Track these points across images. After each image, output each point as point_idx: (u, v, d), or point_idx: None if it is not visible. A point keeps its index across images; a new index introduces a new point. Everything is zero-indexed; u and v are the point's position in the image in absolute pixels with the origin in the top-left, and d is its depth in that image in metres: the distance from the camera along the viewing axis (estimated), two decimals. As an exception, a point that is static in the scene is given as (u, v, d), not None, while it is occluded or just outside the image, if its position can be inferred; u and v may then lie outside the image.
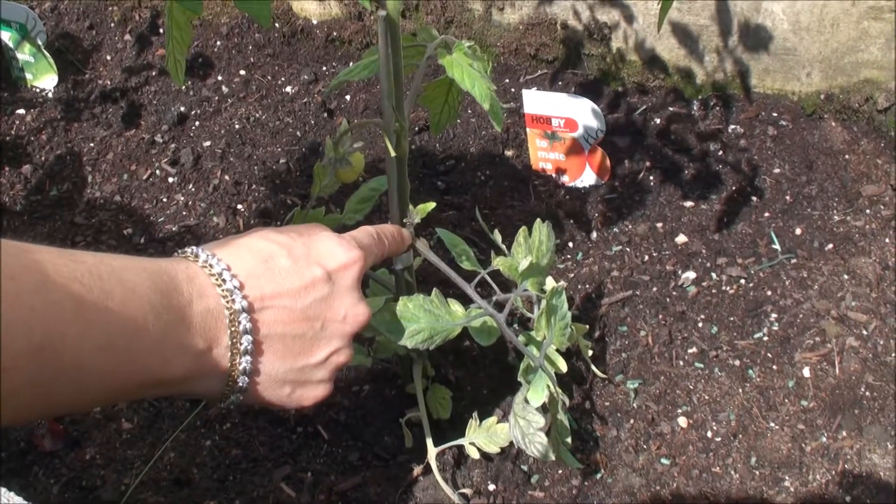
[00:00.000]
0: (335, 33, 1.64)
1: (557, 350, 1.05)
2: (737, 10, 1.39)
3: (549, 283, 1.06)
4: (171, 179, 1.47)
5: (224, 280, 0.76)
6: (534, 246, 1.02)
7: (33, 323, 0.63)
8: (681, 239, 1.32)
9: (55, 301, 0.64)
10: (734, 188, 1.37)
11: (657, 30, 1.34)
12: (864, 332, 1.18)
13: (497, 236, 1.03)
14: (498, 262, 0.98)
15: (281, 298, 0.79)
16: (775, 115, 1.44)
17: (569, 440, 1.02)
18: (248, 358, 0.76)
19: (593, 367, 1.12)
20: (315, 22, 1.67)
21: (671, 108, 1.46)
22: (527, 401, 0.98)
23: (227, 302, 0.75)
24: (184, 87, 1.62)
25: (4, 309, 0.61)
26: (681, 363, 1.18)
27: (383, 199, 1.12)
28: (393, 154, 0.95)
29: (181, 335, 0.73)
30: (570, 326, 1.05)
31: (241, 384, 0.77)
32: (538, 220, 1.02)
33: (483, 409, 1.12)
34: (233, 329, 0.75)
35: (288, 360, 0.81)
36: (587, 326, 1.11)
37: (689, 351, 1.19)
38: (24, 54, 1.62)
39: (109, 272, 0.69)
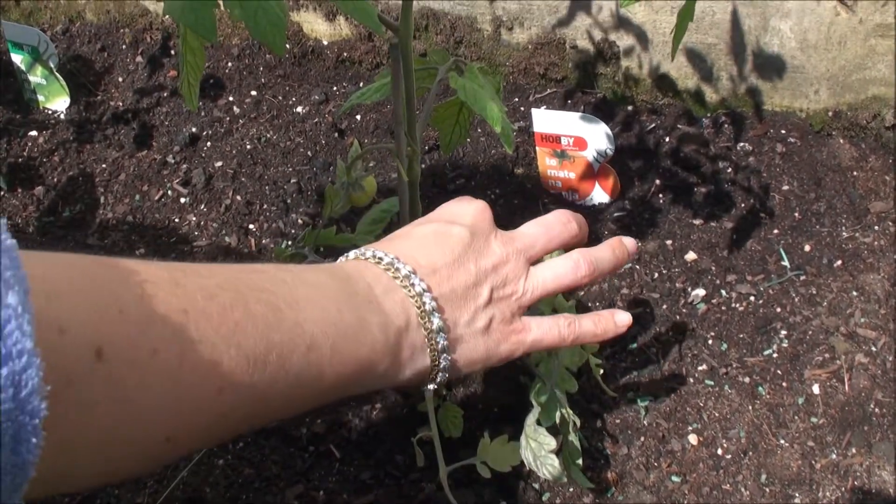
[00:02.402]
0: (346, 54, 1.65)
1: (568, 369, 1.06)
2: (745, 28, 1.40)
3: (560, 302, 1.07)
4: (182, 200, 1.48)
5: (396, 268, 0.83)
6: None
7: (239, 337, 0.66)
8: (690, 256, 1.32)
9: (254, 313, 0.68)
10: (743, 205, 1.38)
11: (671, 58, 1.34)
12: (874, 349, 1.18)
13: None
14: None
15: (442, 268, 0.86)
16: (784, 132, 1.45)
17: (580, 461, 1.03)
18: (443, 335, 0.84)
19: (603, 386, 1.13)
20: (325, 42, 1.68)
21: (681, 127, 1.47)
22: (538, 422, 0.99)
23: (405, 285, 0.82)
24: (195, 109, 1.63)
25: (212, 331, 0.64)
26: (691, 380, 1.19)
27: (395, 218, 1.13)
28: (406, 178, 0.96)
29: (377, 318, 0.79)
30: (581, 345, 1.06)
31: (443, 364, 0.86)
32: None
33: (494, 428, 1.12)
34: (420, 309, 0.82)
35: (463, 310, 0.87)
36: (597, 346, 1.12)
37: (699, 368, 1.20)
38: (37, 77, 1.63)
39: (291, 276, 0.75)
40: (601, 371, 1.14)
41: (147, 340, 0.60)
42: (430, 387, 0.88)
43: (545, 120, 1.35)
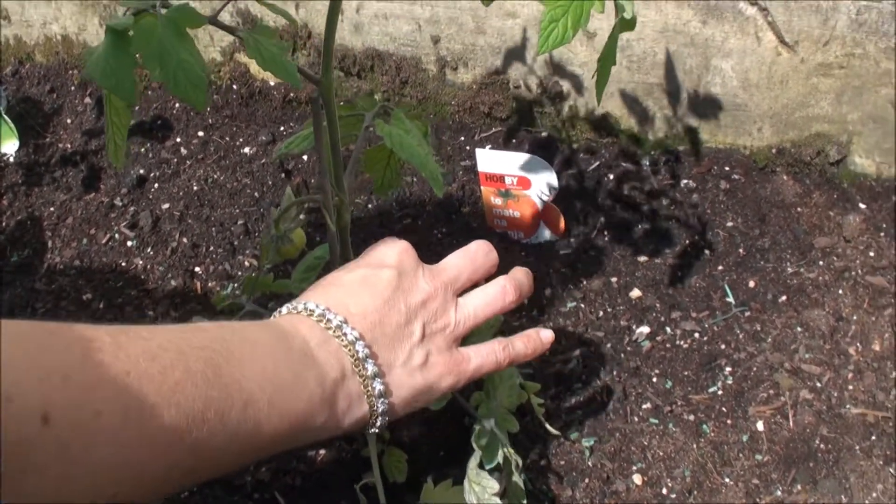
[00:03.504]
0: (292, 94, 1.65)
1: (509, 409, 1.05)
2: (687, 67, 1.41)
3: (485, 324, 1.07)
4: (129, 243, 1.47)
5: (328, 319, 0.85)
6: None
7: (179, 396, 0.68)
8: (635, 293, 1.33)
9: (194, 371, 0.70)
10: (688, 242, 1.38)
11: (597, 103, 1.35)
12: (818, 385, 1.19)
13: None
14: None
15: (372, 313, 0.87)
16: (727, 169, 1.45)
17: (524, 502, 1.02)
18: (379, 381, 0.85)
19: (547, 426, 1.12)
20: (272, 83, 1.68)
21: (624, 165, 1.48)
22: (481, 465, 0.98)
23: (338, 335, 0.84)
24: (143, 150, 1.63)
25: (153, 391, 0.67)
26: (636, 419, 1.19)
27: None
28: (333, 228, 0.96)
29: (313, 372, 0.81)
30: (520, 384, 1.06)
31: (381, 408, 0.86)
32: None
33: (440, 471, 1.12)
34: (353, 357, 0.84)
35: (397, 351, 0.88)
36: (539, 385, 1.11)
37: (644, 406, 1.20)
38: (-17, 120, 1.63)
39: (231, 334, 0.78)
40: (544, 410, 1.14)
41: (91, 403, 0.63)
42: (372, 431, 0.89)
43: (489, 160, 1.36)
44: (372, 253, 0.94)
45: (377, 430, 0.89)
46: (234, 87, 1.70)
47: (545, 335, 1.01)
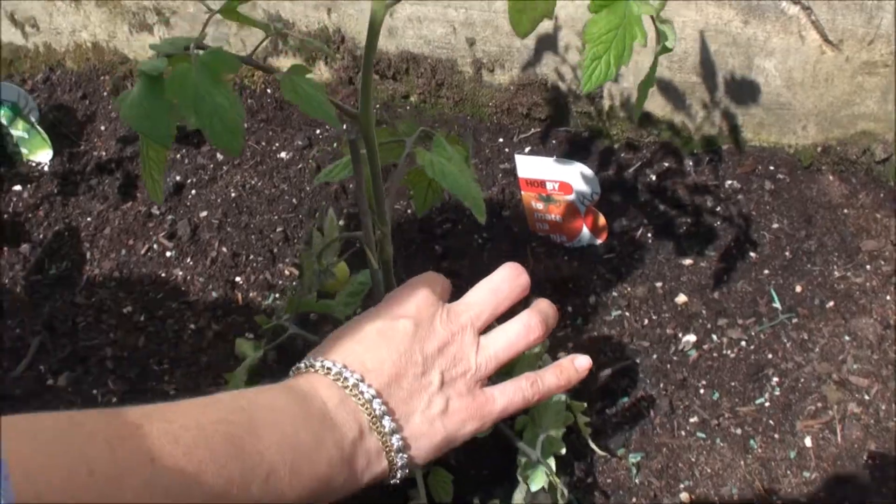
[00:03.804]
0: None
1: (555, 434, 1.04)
2: (729, 66, 1.38)
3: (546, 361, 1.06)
4: (168, 254, 1.47)
5: (345, 377, 0.85)
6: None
7: (204, 477, 0.69)
8: (681, 299, 1.31)
9: (216, 450, 0.71)
10: (733, 244, 1.36)
11: (635, 119, 1.33)
12: (866, 397, 1.17)
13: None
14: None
15: (389, 368, 0.87)
16: (772, 168, 1.43)
17: (571, 530, 1.02)
18: (397, 436, 0.86)
19: (592, 445, 1.11)
20: (306, 86, 1.66)
21: (665, 164, 1.45)
22: (526, 497, 0.98)
23: (354, 394, 0.84)
24: (178, 156, 1.62)
25: (177, 476, 0.68)
26: (682, 433, 1.17)
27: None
28: (376, 266, 0.95)
29: (332, 434, 0.81)
30: (568, 406, 1.05)
31: (399, 463, 0.86)
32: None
33: (486, 491, 1.11)
34: (370, 415, 0.84)
35: (416, 402, 0.88)
36: (585, 404, 1.10)
37: (691, 420, 1.18)
38: (18, 130, 1.62)
39: (248, 402, 0.78)
40: (590, 430, 1.12)
41: (118, 493, 0.64)
42: (393, 482, 0.89)
43: (529, 166, 1.34)
44: (391, 300, 0.93)
45: (398, 481, 0.89)
46: (269, 90, 1.69)
47: (580, 364, 0.99)
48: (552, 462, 1.03)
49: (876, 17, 1.25)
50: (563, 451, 1.04)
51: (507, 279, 0.96)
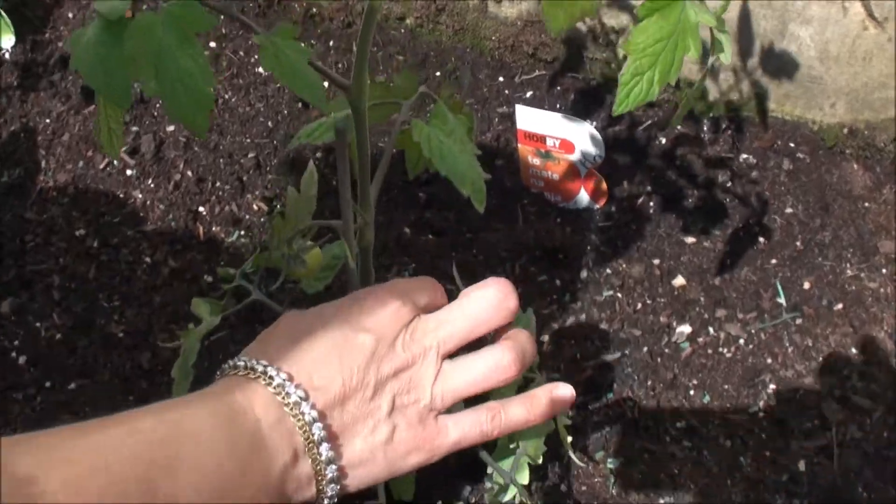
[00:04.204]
0: (315, 9, 1.49)
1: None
2: (760, 30, 1.25)
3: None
4: (129, 172, 1.35)
5: (287, 392, 0.75)
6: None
7: None
8: (678, 282, 1.21)
9: (129, 496, 0.62)
10: (741, 226, 1.25)
11: (674, 124, 1.21)
12: (868, 421, 1.08)
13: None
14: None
15: (338, 388, 0.78)
16: (792, 145, 1.31)
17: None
18: (333, 466, 0.77)
19: (570, 454, 1.02)
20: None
21: (679, 128, 1.33)
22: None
23: (294, 413, 0.74)
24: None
25: None
26: (668, 439, 1.09)
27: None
28: (352, 264, 0.84)
29: (261, 462, 0.72)
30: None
31: (329, 493, 0.77)
32: (529, 308, 0.92)
33: (450, 489, 1.04)
34: (307, 440, 0.74)
35: (359, 427, 0.79)
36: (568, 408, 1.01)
37: (678, 425, 1.10)
38: (-24, 11, 1.48)
39: (169, 429, 0.69)
40: (569, 435, 1.03)
41: None
42: None
43: (530, 118, 1.22)
44: (357, 304, 0.82)
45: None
46: (253, -5, 1.54)
47: (560, 395, 0.88)
48: (525, 474, 0.94)
49: (931, 2, 1.13)
50: (527, 481, 0.95)
51: (492, 306, 0.85)
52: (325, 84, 1.23)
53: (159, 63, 0.67)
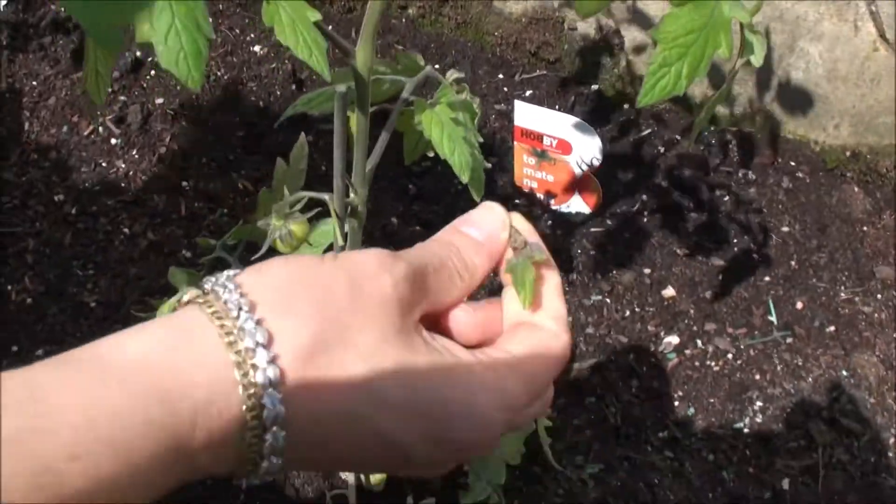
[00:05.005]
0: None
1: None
2: (770, 45, 1.23)
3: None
4: (114, 141, 1.31)
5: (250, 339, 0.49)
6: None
7: None
8: (668, 292, 1.18)
9: None
10: (736, 242, 1.23)
11: (690, 144, 1.18)
12: (856, 444, 1.06)
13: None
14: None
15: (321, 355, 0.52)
16: (793, 164, 1.29)
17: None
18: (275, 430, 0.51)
19: (551, 459, 0.99)
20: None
21: (682, 141, 1.31)
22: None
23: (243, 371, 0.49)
24: (143, 29, 1.45)
25: None
26: (649, 448, 1.06)
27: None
28: (340, 243, 0.81)
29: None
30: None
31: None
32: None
33: (421, 484, 1.00)
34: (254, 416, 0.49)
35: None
36: (549, 410, 0.98)
37: (660, 435, 1.07)
38: (-31, -33, 1.44)
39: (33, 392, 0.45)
40: (549, 440, 1.00)
41: None
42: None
43: (529, 115, 1.19)
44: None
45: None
46: (254, -29, 1.51)
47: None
48: (502, 474, 0.92)
49: (946, 25, 1.11)
50: (503, 480, 0.92)
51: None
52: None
53: (155, 7, 0.64)
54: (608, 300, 1.17)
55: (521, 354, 0.57)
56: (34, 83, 1.38)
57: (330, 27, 1.45)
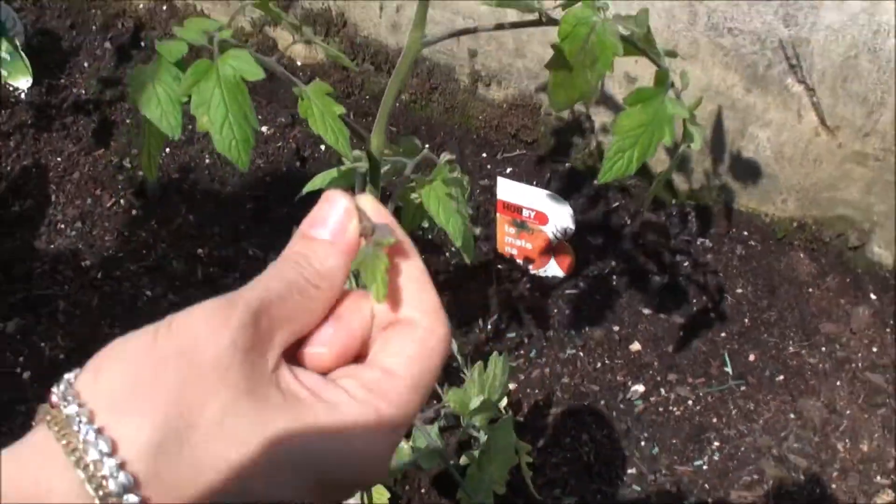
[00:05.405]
0: (318, 78, 1.61)
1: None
2: (723, 129, 1.39)
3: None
4: (134, 212, 1.45)
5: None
6: (487, 380, 1.02)
7: None
8: (635, 346, 1.32)
9: None
10: (695, 302, 1.37)
11: (644, 208, 1.34)
12: (802, 478, 1.19)
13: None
14: (450, 398, 0.98)
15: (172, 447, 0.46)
16: (746, 234, 1.44)
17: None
18: None
19: (532, 491, 1.12)
20: (299, 63, 1.64)
21: (645, 212, 1.46)
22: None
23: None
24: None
25: None
26: (619, 483, 1.19)
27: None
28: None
29: None
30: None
31: None
32: (495, 354, 1.02)
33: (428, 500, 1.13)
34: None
35: None
36: (530, 447, 1.12)
37: (629, 471, 1.20)
38: (0, 51, 1.58)
39: None
40: (531, 473, 1.13)
41: None
42: None
43: (510, 190, 1.34)
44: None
45: None
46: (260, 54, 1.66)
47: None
48: (490, 499, 1.04)
49: (876, 113, 1.27)
50: (503, 490, 1.05)
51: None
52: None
53: (212, 105, 0.78)
54: (581, 353, 1.31)
55: (398, 370, 0.50)
56: (59, 159, 1.51)
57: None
